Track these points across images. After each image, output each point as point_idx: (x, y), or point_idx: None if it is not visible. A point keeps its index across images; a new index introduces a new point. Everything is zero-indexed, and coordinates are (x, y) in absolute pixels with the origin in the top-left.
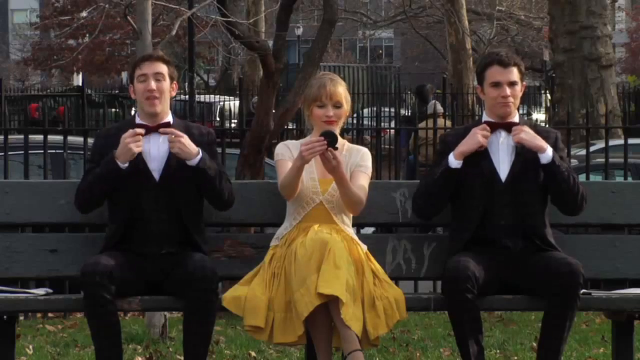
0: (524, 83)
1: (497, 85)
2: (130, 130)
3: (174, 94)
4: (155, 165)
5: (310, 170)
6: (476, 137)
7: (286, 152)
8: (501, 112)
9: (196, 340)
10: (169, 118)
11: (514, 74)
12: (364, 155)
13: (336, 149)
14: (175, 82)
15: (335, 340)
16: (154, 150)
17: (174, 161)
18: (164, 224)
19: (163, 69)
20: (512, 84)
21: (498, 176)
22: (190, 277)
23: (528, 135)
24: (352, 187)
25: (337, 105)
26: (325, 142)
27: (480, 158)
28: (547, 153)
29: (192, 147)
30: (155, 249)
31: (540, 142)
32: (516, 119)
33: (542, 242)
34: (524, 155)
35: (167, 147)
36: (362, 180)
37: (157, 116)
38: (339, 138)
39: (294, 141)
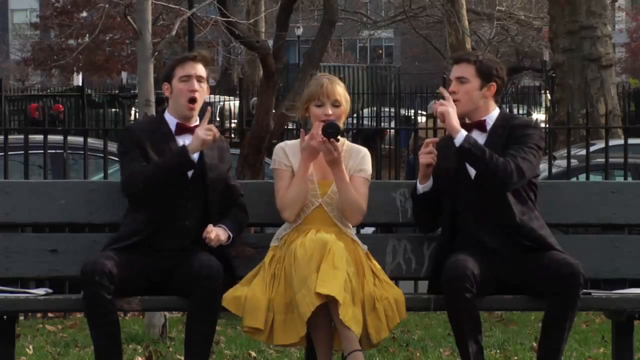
0: (493, 83)
1: (451, 82)
2: (206, 126)
3: (207, 95)
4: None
5: (309, 172)
6: (420, 160)
7: (282, 158)
8: (458, 110)
9: (199, 339)
10: (197, 120)
11: (465, 70)
12: (364, 158)
13: (338, 140)
14: (207, 84)
15: (337, 344)
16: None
17: (208, 160)
18: (190, 220)
19: (204, 72)
20: (459, 79)
21: (467, 175)
22: (197, 276)
23: (451, 112)
24: (351, 188)
25: (336, 104)
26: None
27: (451, 159)
28: (459, 137)
29: (223, 236)
30: (173, 244)
31: (455, 123)
32: (494, 114)
33: (532, 242)
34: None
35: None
36: (362, 187)
37: (192, 118)
38: (340, 138)
39: (292, 142)
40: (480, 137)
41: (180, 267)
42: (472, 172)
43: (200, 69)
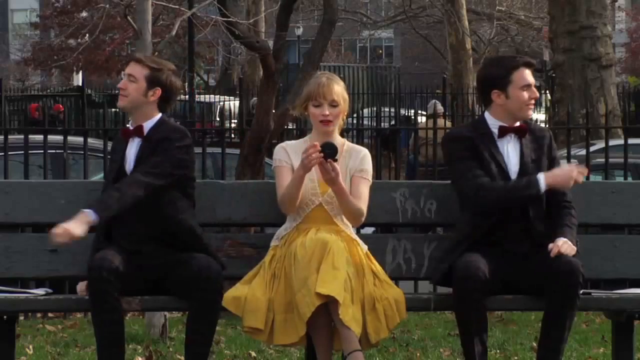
0: None
1: (529, 87)
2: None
3: (153, 99)
4: (131, 166)
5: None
6: (571, 176)
7: (284, 156)
8: (528, 115)
9: (199, 340)
10: (148, 124)
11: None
12: (364, 158)
13: (336, 160)
14: (158, 88)
15: (337, 344)
16: (131, 153)
17: (140, 160)
18: (140, 222)
19: (136, 70)
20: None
21: (509, 179)
22: (196, 277)
23: (568, 249)
24: (351, 199)
25: (333, 104)
26: (319, 149)
27: (490, 162)
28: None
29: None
30: (132, 246)
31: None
32: None
33: (542, 246)
34: (530, 157)
35: (139, 147)
36: (363, 188)
37: (135, 118)
38: (339, 137)
39: (292, 142)
40: (514, 142)
41: (178, 268)
42: (513, 177)
43: (132, 69)
